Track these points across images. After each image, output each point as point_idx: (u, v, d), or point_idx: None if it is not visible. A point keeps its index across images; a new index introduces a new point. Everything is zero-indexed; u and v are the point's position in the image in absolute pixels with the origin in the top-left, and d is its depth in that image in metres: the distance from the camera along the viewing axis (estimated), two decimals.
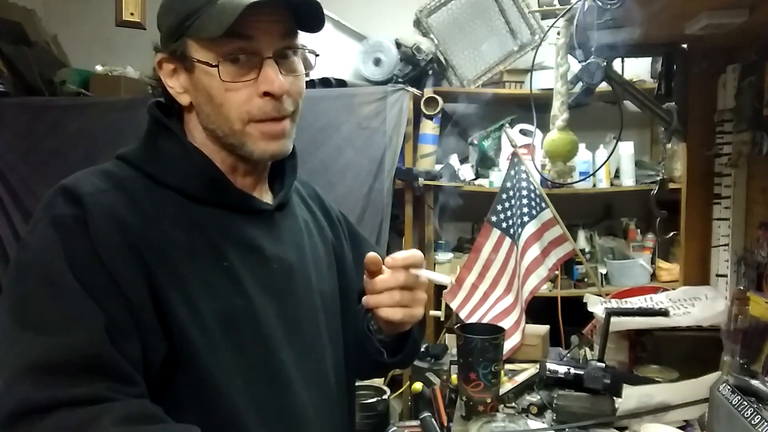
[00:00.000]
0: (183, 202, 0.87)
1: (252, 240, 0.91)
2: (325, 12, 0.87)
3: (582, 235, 3.01)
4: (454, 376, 1.58)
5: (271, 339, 0.88)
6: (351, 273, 1.10)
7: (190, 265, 0.83)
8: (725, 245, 1.68)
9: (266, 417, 0.86)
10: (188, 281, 0.83)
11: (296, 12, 0.87)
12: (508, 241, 2.23)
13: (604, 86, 1.46)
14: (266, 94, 0.85)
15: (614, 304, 1.62)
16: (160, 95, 0.93)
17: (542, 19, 2.59)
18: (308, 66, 0.95)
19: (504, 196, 2.28)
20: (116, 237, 0.79)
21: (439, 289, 2.81)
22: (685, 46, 1.66)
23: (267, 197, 0.99)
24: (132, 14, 2.37)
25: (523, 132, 2.88)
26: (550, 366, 1.43)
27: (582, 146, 2.72)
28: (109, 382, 0.72)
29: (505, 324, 2.00)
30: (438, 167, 2.93)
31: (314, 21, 0.88)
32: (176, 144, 0.90)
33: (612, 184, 3.00)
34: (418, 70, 2.78)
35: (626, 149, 2.95)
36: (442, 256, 3.01)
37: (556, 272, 2.50)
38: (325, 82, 2.77)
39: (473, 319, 2.14)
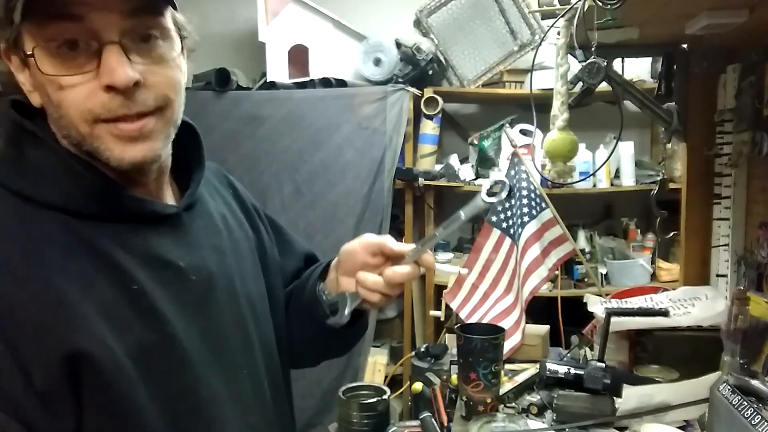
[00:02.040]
0: (67, 221, 0.71)
1: (161, 252, 0.77)
2: (325, 12, 0.85)
3: (582, 235, 3.01)
4: (454, 376, 1.57)
5: (195, 366, 0.76)
6: (276, 269, 1.00)
7: (87, 301, 0.67)
8: (725, 245, 1.68)
9: None
10: (89, 321, 0.67)
11: None
12: (508, 241, 2.23)
13: (604, 86, 1.45)
14: (110, 87, 0.68)
15: (614, 304, 1.62)
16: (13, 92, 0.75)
17: (542, 19, 2.59)
18: (190, 49, 0.79)
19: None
20: None
21: (439, 288, 2.81)
22: (685, 46, 1.66)
23: (172, 199, 0.85)
24: None
25: (523, 132, 2.87)
26: (550, 366, 1.43)
27: (582, 146, 2.72)
28: None
29: (505, 324, 2.00)
30: (438, 167, 2.93)
31: None
32: (47, 151, 0.72)
33: (612, 184, 3.00)
34: (418, 70, 2.78)
35: (626, 149, 2.95)
36: (442, 256, 3.01)
37: (556, 272, 2.50)
38: (325, 82, 2.77)
39: (473, 319, 2.14)
